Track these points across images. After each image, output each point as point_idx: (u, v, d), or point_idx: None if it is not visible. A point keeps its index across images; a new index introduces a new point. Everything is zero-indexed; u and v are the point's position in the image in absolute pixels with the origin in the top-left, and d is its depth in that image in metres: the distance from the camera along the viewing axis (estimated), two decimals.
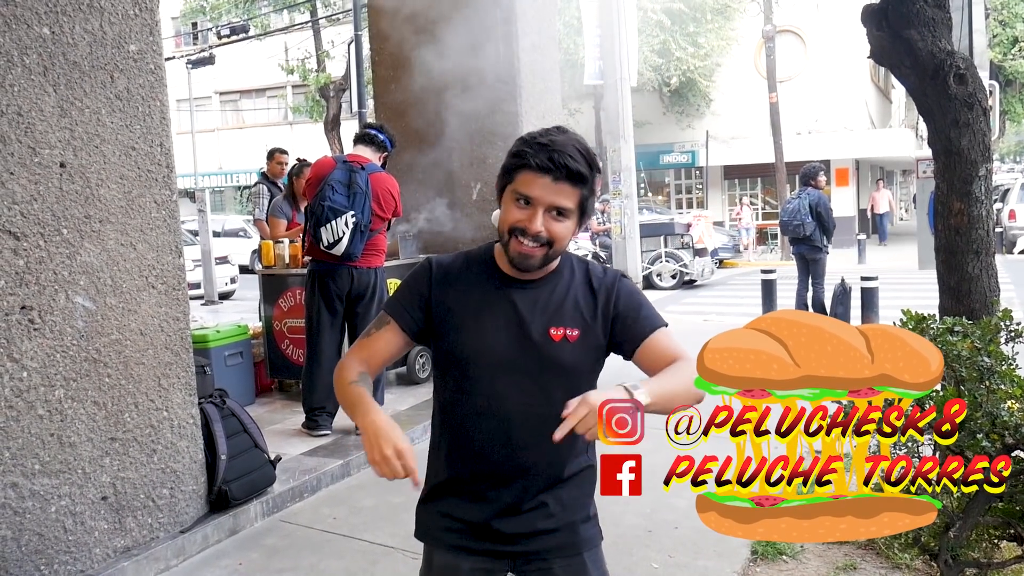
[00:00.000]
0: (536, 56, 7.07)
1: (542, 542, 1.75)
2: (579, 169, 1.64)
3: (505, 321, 1.70)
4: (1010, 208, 19.82)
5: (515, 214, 1.66)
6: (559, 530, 1.77)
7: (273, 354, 6.33)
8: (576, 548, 1.79)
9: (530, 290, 1.73)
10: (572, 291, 1.75)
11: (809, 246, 9.21)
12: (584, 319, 1.74)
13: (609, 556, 3.68)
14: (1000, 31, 28.58)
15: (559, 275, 1.77)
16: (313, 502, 4.32)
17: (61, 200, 3.17)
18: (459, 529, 1.76)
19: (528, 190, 1.64)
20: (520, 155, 1.66)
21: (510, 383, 1.69)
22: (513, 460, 1.72)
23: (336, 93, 21.49)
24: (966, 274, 3.66)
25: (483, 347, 1.69)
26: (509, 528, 1.74)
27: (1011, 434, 2.52)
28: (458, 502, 1.76)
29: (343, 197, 4.92)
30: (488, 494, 1.73)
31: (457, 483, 1.76)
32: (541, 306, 1.71)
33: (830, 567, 3.38)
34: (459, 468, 1.75)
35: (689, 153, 26.87)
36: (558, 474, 1.77)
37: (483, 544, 1.75)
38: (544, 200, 1.64)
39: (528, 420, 1.70)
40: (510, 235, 1.67)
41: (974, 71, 3.69)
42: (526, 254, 1.66)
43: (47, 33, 3.12)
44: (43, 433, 3.10)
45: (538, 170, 1.63)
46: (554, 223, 1.66)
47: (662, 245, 15.79)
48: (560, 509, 1.77)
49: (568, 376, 1.72)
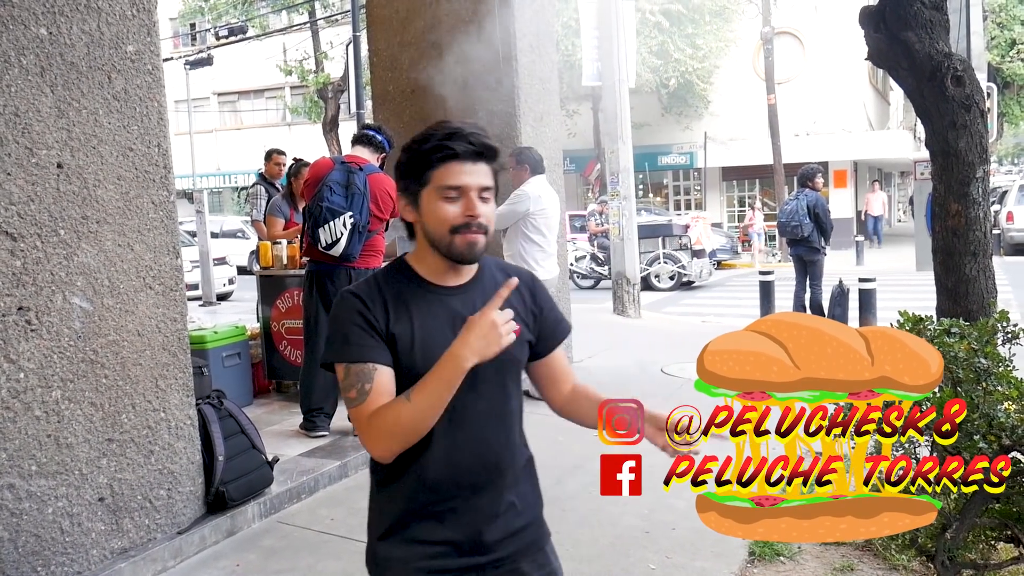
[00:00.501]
0: (534, 57, 7.07)
1: (515, 543, 1.74)
2: (494, 145, 1.67)
3: (452, 329, 1.63)
4: (1008, 210, 19.84)
5: (450, 211, 1.63)
6: (528, 526, 1.77)
7: (271, 355, 6.33)
8: (540, 543, 1.80)
9: (465, 294, 1.71)
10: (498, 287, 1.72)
11: (807, 247, 9.22)
12: (518, 314, 1.72)
13: (607, 557, 3.69)
14: (998, 33, 28.62)
15: (482, 274, 1.76)
16: (311, 503, 4.31)
17: (58, 201, 3.17)
18: (438, 553, 1.68)
19: (455, 180, 1.63)
20: (438, 149, 1.63)
21: (474, 390, 1.64)
22: (486, 465, 1.70)
23: (334, 94, 21.49)
24: (963, 275, 3.67)
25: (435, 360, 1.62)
26: (491, 536, 1.70)
27: (1008, 435, 2.53)
28: (435, 524, 1.68)
29: (341, 198, 4.92)
30: (466, 505, 1.69)
31: (432, 504, 1.68)
32: (479, 305, 1.67)
33: (827, 568, 3.38)
34: (433, 488, 1.67)
35: (687, 154, 26.90)
36: (517, 470, 1.77)
37: (467, 560, 1.69)
38: (474, 185, 1.64)
39: (492, 421, 1.70)
40: (452, 234, 1.64)
41: (972, 73, 3.70)
42: (474, 242, 1.64)
43: (44, 34, 3.12)
44: (40, 434, 3.10)
45: (462, 157, 1.63)
46: (485, 206, 1.66)
47: (660, 246, 15.80)
48: (525, 505, 1.77)
49: (518, 370, 1.75)
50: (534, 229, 5.75)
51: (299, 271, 5.94)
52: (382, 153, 5.34)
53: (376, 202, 5.04)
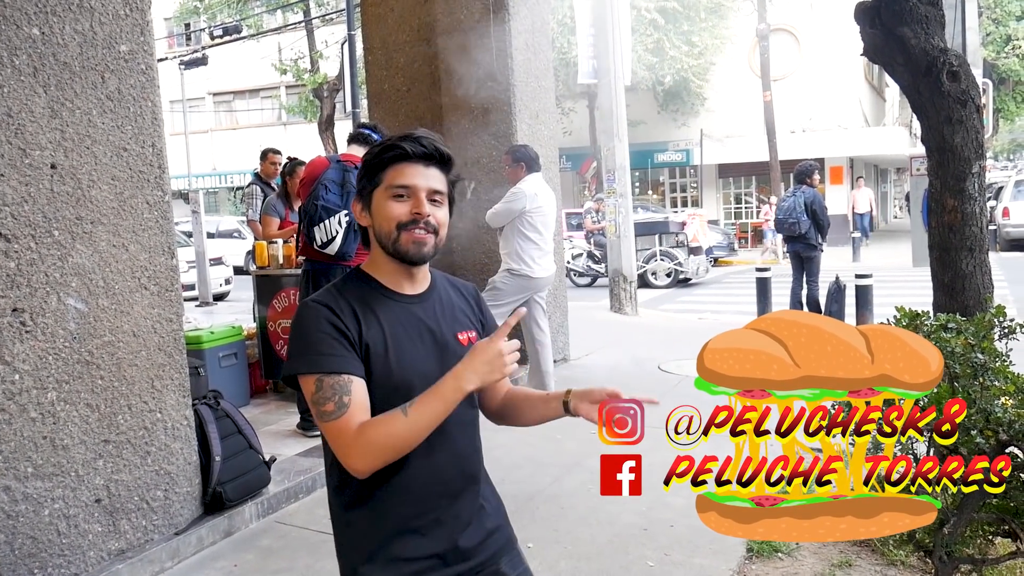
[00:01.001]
0: (529, 55, 7.07)
1: (492, 545, 1.75)
2: (448, 152, 1.70)
3: (419, 337, 1.67)
4: (1004, 206, 19.88)
5: (397, 209, 1.66)
6: (500, 527, 1.79)
7: (268, 355, 6.31)
8: (512, 542, 1.81)
9: (425, 302, 1.73)
10: (452, 297, 1.80)
11: (804, 244, 9.22)
12: (472, 322, 1.80)
13: (605, 554, 3.69)
14: (993, 29, 28.66)
15: (436, 285, 1.79)
16: (308, 503, 4.30)
17: (52, 201, 3.16)
18: (425, 569, 1.66)
19: (405, 180, 1.66)
20: (390, 148, 1.67)
21: None
22: (461, 472, 1.71)
23: (330, 93, 21.46)
24: (960, 271, 3.67)
25: (412, 369, 1.64)
26: (470, 542, 1.70)
27: (1005, 430, 2.52)
28: (419, 539, 1.66)
29: (337, 196, 4.91)
30: (447, 516, 1.69)
31: (410, 520, 1.66)
32: (440, 314, 1.72)
33: (826, 564, 3.38)
34: (415, 502, 1.66)
35: (684, 152, 26.91)
36: (482, 474, 1.80)
37: (452, 570, 1.68)
38: (423, 185, 1.67)
39: (464, 428, 1.72)
40: (399, 231, 1.66)
41: (967, 68, 3.70)
42: (420, 241, 1.66)
43: (37, 34, 3.11)
44: (36, 436, 3.09)
45: (412, 158, 1.66)
46: (435, 209, 1.68)
47: (657, 244, 15.81)
48: (492, 506, 1.80)
49: None
50: (530, 227, 5.74)
51: (295, 270, 5.93)
52: None
53: None
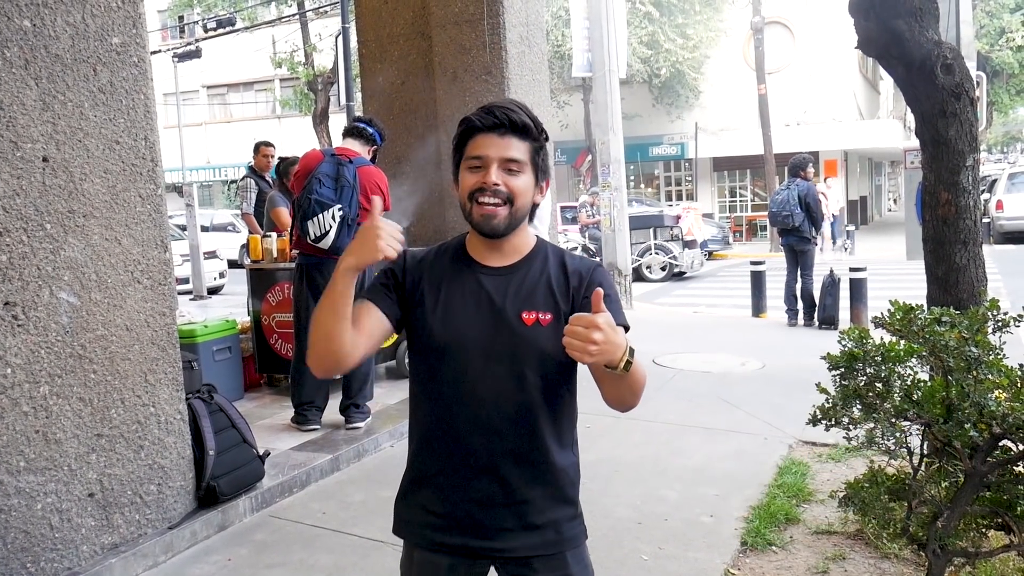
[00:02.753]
0: (524, 48, 7.05)
1: (525, 540, 1.70)
2: (523, 120, 1.68)
3: (476, 306, 1.68)
4: (998, 198, 19.92)
5: (470, 179, 1.68)
6: (543, 527, 1.71)
7: (262, 349, 6.30)
8: (559, 547, 1.73)
9: (503, 275, 1.71)
10: (545, 276, 1.72)
11: (798, 237, 9.24)
12: (557, 303, 1.70)
13: (599, 548, 3.69)
14: (987, 22, 28.67)
15: (533, 260, 1.74)
16: (302, 497, 4.30)
17: (44, 195, 3.14)
18: (438, 526, 1.71)
19: (478, 151, 1.67)
20: (464, 122, 1.71)
21: (485, 368, 1.66)
22: (490, 448, 1.68)
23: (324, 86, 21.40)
24: (954, 264, 3.67)
25: (456, 332, 1.67)
26: (490, 521, 1.69)
27: (999, 423, 2.53)
28: (436, 494, 1.72)
29: (330, 190, 4.90)
30: (466, 484, 1.69)
31: (434, 475, 1.72)
32: (514, 290, 1.69)
33: (820, 557, 3.39)
34: (436, 458, 1.72)
35: (678, 145, 26.90)
36: (541, 467, 1.71)
37: (463, 539, 1.70)
38: (495, 155, 1.66)
39: (502, 406, 1.67)
40: (471, 202, 1.68)
41: (961, 61, 3.69)
42: (489, 214, 1.66)
43: (28, 26, 3.08)
44: (28, 430, 3.08)
45: (484, 129, 1.67)
46: (510, 178, 1.67)
47: (652, 237, 15.81)
48: (544, 506, 1.71)
49: (543, 362, 1.67)
50: None
51: (289, 264, 5.92)
52: (373, 146, 5.32)
53: (366, 195, 5.01)
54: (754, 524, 3.68)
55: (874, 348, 2.87)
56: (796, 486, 4.12)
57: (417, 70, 7.11)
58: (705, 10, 24.78)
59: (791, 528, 3.70)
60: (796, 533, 3.65)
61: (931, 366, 2.87)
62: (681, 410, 5.54)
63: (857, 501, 3.13)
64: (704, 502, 4.02)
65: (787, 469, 4.38)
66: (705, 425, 5.20)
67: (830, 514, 3.78)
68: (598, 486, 4.19)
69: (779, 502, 3.91)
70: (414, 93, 7.04)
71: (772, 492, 4.08)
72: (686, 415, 5.43)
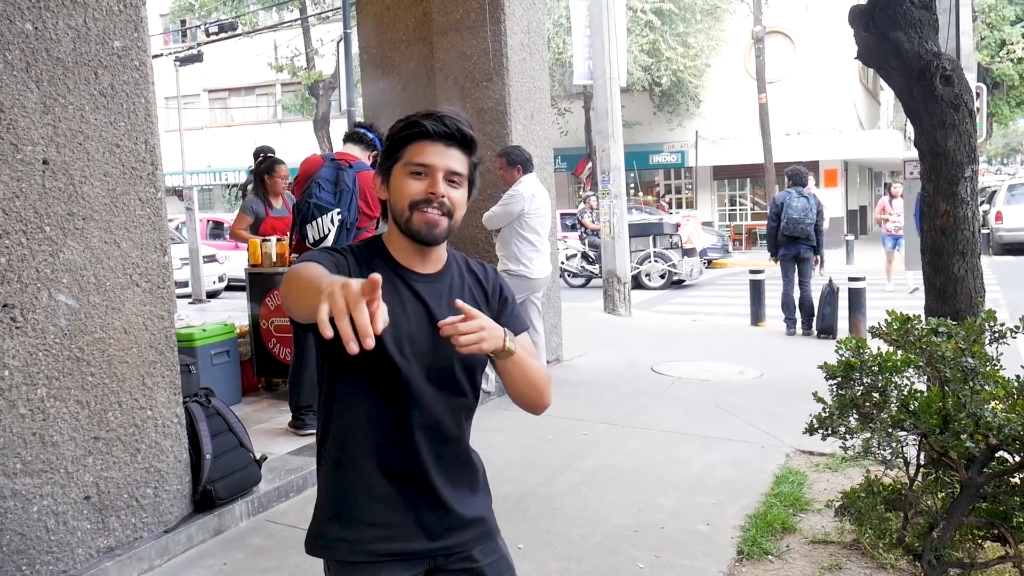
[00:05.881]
0: (525, 55, 7.07)
1: (466, 533, 1.74)
2: (470, 133, 1.68)
3: (415, 314, 1.67)
4: (997, 210, 19.96)
5: (413, 187, 1.65)
6: (481, 518, 1.77)
7: (260, 353, 6.30)
8: (492, 533, 1.80)
9: (432, 282, 1.72)
10: (464, 282, 1.77)
11: (807, 246, 9.25)
12: (482, 307, 1.75)
13: (595, 555, 3.69)
14: (988, 33, 28.74)
15: (450, 267, 1.77)
16: (299, 501, 4.30)
17: (44, 197, 3.15)
18: (385, 536, 1.68)
19: (423, 158, 1.64)
20: (412, 125, 1.66)
21: (429, 373, 1.66)
22: (433, 452, 1.70)
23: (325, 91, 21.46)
24: (951, 275, 3.67)
25: (400, 341, 1.64)
26: (433, 523, 1.70)
27: (995, 435, 2.54)
28: (378, 506, 1.68)
29: (330, 195, 4.91)
30: (409, 490, 1.69)
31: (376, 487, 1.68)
32: (445, 297, 1.70)
33: (816, 567, 3.38)
34: (373, 470, 1.68)
35: (679, 153, 26.95)
36: (468, 465, 1.78)
37: (412, 544, 1.69)
38: (441, 165, 1.65)
39: (444, 412, 1.70)
40: (412, 210, 1.65)
41: (960, 72, 3.70)
42: (432, 222, 1.64)
43: (30, 29, 3.09)
44: (25, 432, 3.07)
45: (433, 137, 1.65)
46: (452, 190, 1.66)
47: (651, 245, 15.82)
48: (475, 496, 1.78)
49: (473, 364, 1.73)
50: (528, 228, 5.74)
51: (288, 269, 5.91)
52: (373, 151, 5.33)
53: (365, 199, 5.03)
54: (750, 533, 3.68)
55: (871, 358, 2.88)
56: (793, 495, 4.11)
57: (418, 76, 7.13)
58: (706, 19, 24.84)
59: (787, 537, 3.70)
60: (792, 542, 3.64)
61: (928, 376, 2.87)
62: (678, 418, 5.52)
63: (853, 511, 3.14)
64: (701, 510, 4.01)
65: (784, 478, 4.38)
66: (702, 433, 5.20)
67: (827, 523, 3.78)
68: (594, 493, 4.19)
69: (776, 511, 3.91)
70: (415, 99, 7.05)
71: (769, 501, 4.07)
72: (683, 423, 5.42)
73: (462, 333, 1.48)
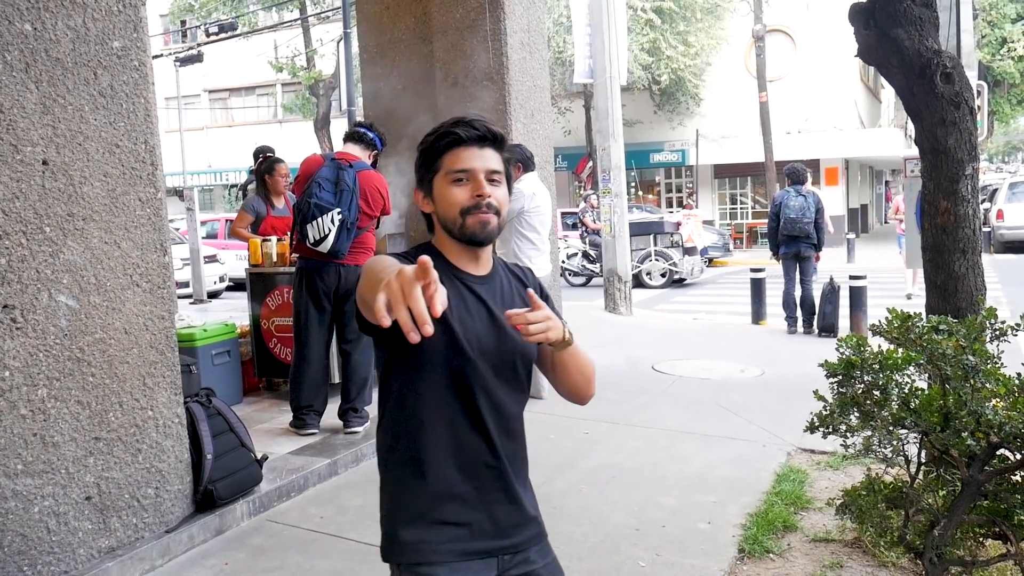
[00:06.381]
0: (525, 54, 7.06)
1: (527, 531, 1.76)
2: (500, 132, 1.74)
3: (478, 314, 1.70)
4: (998, 208, 19.95)
5: (459, 194, 1.68)
6: (536, 518, 1.80)
7: (261, 353, 6.30)
8: (544, 533, 1.83)
9: (487, 283, 1.76)
10: (511, 283, 1.82)
11: (807, 244, 9.24)
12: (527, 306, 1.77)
13: (597, 554, 3.69)
14: (989, 31, 28.71)
15: (496, 269, 1.81)
16: (300, 501, 4.30)
17: (44, 198, 3.15)
18: (465, 536, 1.69)
19: (463, 164, 1.69)
20: (444, 135, 1.71)
21: (496, 372, 1.70)
22: (505, 448, 1.73)
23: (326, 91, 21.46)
24: (952, 273, 3.67)
25: (470, 339, 1.67)
26: (508, 520, 1.73)
27: (996, 432, 2.53)
28: (459, 506, 1.69)
29: (330, 194, 4.91)
30: (483, 488, 1.71)
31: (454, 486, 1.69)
32: (499, 297, 1.75)
33: (817, 565, 3.38)
34: (452, 470, 1.69)
35: (679, 152, 26.93)
36: (525, 462, 1.82)
37: (487, 543, 1.71)
38: (480, 167, 1.69)
39: (510, 408, 1.74)
40: (464, 216, 1.68)
41: (961, 70, 3.70)
42: (485, 221, 1.68)
43: (29, 29, 3.09)
44: (26, 433, 3.08)
45: (467, 142, 1.69)
46: (495, 189, 1.71)
47: (652, 244, 15.81)
48: (528, 497, 1.80)
49: (529, 361, 1.78)
50: (528, 227, 5.73)
51: (289, 268, 5.92)
52: (373, 150, 5.33)
53: (366, 199, 5.03)
54: (752, 531, 3.68)
55: (872, 356, 2.88)
56: (794, 493, 4.11)
57: (418, 75, 7.11)
58: (707, 18, 24.80)
59: (789, 536, 3.69)
60: (794, 541, 3.64)
61: (929, 374, 2.87)
62: (680, 417, 5.53)
63: (854, 509, 3.13)
64: (702, 509, 4.01)
65: (785, 476, 4.38)
66: (704, 432, 5.20)
67: (828, 522, 3.78)
68: (596, 492, 4.19)
69: (777, 509, 3.91)
70: (415, 98, 7.04)
71: (770, 499, 4.07)
72: (685, 422, 5.42)
73: (530, 323, 1.54)
